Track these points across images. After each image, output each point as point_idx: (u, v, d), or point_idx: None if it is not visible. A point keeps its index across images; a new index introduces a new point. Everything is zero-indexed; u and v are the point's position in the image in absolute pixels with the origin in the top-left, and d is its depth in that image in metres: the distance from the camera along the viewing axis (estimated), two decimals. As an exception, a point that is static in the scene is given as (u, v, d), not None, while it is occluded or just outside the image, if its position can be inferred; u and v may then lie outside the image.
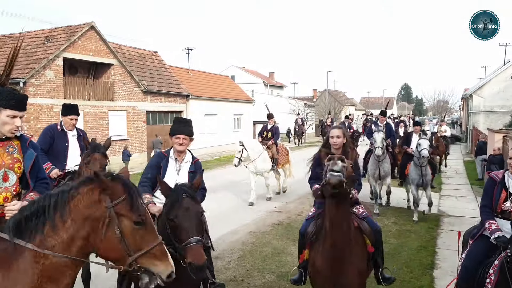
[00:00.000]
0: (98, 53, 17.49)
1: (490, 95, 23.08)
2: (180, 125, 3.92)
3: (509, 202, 3.58)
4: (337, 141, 4.02)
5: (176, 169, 3.87)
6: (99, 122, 17.57)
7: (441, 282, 5.77)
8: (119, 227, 2.22)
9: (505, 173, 3.70)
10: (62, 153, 5.11)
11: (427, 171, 8.67)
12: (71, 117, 5.20)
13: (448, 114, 69.62)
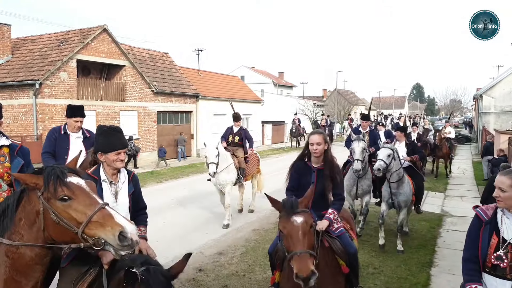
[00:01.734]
0: (110, 55, 17.93)
1: (501, 95, 22.89)
2: (115, 136, 3.11)
3: (502, 251, 2.63)
4: (318, 148, 3.70)
5: (112, 193, 3.14)
6: (111, 122, 17.99)
7: (438, 280, 5.95)
8: (53, 210, 2.33)
9: (498, 208, 2.74)
10: (62, 157, 4.79)
11: (400, 190, 6.72)
12: (76, 119, 4.93)
13: (461, 114, 68.90)
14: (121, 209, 3.08)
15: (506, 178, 2.66)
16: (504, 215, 2.67)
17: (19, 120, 15.93)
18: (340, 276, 3.42)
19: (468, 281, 2.70)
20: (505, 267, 2.60)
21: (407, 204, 6.93)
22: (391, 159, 6.51)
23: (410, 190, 6.89)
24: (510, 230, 2.62)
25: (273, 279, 3.69)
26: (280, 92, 47.26)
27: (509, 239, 2.61)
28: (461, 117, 67.28)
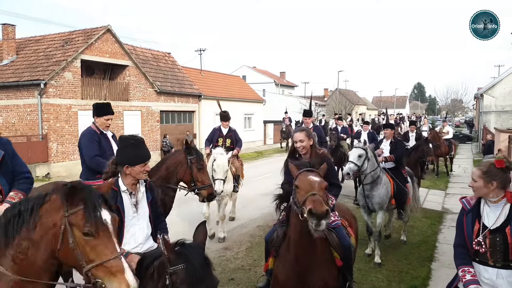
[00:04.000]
0: (114, 55, 18.11)
1: (502, 94, 23.04)
2: (142, 149, 3.12)
3: (481, 237, 2.79)
4: (302, 145, 3.75)
5: (133, 204, 3.12)
6: (115, 121, 18.15)
7: (438, 273, 6.11)
8: (72, 236, 2.23)
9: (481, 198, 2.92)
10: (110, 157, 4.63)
11: (373, 193, 6.26)
12: (107, 117, 4.74)
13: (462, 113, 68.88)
14: (142, 218, 3.14)
15: (477, 169, 2.90)
16: (486, 204, 2.87)
17: (24, 120, 16.11)
18: (334, 269, 3.41)
19: (461, 264, 2.86)
20: (484, 252, 2.76)
21: (382, 207, 6.36)
22: (363, 160, 6.07)
23: (386, 192, 6.31)
24: (490, 217, 2.81)
25: (266, 265, 3.71)
26: (282, 92, 47.40)
27: (489, 226, 2.78)
28: (463, 116, 67.29)
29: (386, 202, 6.37)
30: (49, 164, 15.45)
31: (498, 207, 2.81)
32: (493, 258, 2.74)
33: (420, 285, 5.71)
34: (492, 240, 2.74)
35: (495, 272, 2.74)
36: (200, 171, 4.71)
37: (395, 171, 6.72)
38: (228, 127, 8.17)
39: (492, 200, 2.82)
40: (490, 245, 2.74)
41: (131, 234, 3.11)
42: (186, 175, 5.04)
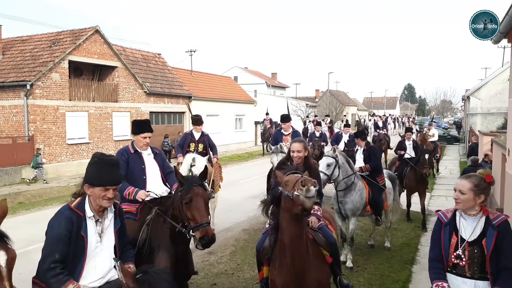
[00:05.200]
0: (103, 56, 18.00)
1: (488, 97, 23.37)
2: (107, 170, 2.73)
3: (460, 250, 2.79)
4: (298, 155, 3.95)
5: (98, 232, 2.80)
6: (103, 123, 18.09)
7: (418, 276, 6.19)
8: None
9: (457, 211, 2.93)
10: (140, 178, 4.22)
11: (346, 199, 6.24)
12: (144, 135, 4.29)
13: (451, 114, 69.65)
14: (106, 249, 2.83)
15: (467, 182, 2.84)
16: (462, 216, 2.87)
17: (10, 121, 15.95)
18: (325, 266, 3.63)
19: (435, 279, 2.86)
20: (464, 265, 2.77)
21: (355, 214, 6.34)
22: (333, 168, 6.05)
23: (360, 198, 6.28)
24: (467, 230, 2.82)
25: (261, 274, 3.84)
26: (273, 93, 47.48)
27: (466, 238, 2.79)
28: (452, 117, 68.05)
29: (359, 208, 6.34)
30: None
31: (474, 220, 2.83)
32: (471, 270, 2.77)
33: (400, 288, 5.79)
34: (470, 253, 2.77)
35: (473, 284, 2.77)
36: (187, 205, 3.47)
37: (371, 177, 6.68)
38: (200, 131, 7.89)
39: (471, 213, 2.84)
40: (468, 258, 2.77)
41: (92, 266, 2.78)
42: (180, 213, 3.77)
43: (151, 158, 4.38)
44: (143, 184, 4.22)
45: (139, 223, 3.96)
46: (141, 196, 4.02)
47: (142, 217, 4.04)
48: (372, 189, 6.52)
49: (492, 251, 2.71)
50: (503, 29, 5.41)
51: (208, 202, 3.60)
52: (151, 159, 4.37)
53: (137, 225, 3.94)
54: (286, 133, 7.99)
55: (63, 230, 2.63)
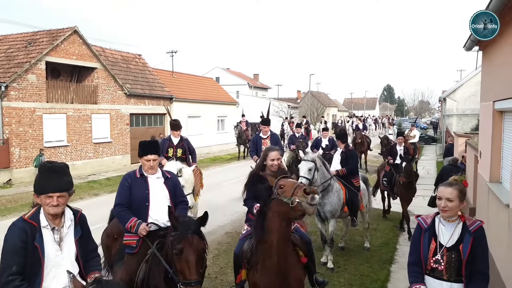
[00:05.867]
0: (81, 57, 17.71)
1: (463, 98, 24.09)
2: (50, 177, 2.69)
3: (439, 255, 2.91)
4: (278, 163, 4.13)
5: (56, 241, 2.74)
6: (82, 125, 17.80)
7: (396, 275, 6.38)
8: None
9: (436, 217, 3.03)
10: (142, 205, 3.86)
11: (325, 201, 6.31)
12: (148, 157, 3.86)
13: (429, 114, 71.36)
14: (67, 258, 2.77)
15: (453, 190, 2.91)
16: (441, 222, 2.98)
17: (-15, 124, 15.49)
18: (300, 265, 3.80)
19: (413, 282, 2.97)
20: (442, 269, 2.90)
21: (334, 215, 6.45)
22: (313, 172, 6.08)
23: (338, 200, 6.41)
24: (446, 236, 2.94)
25: (239, 277, 3.95)
26: (255, 94, 47.62)
27: (445, 244, 2.91)
28: (429, 117, 69.66)
29: (338, 210, 6.46)
30: (11, 170, 14.93)
31: (452, 225, 2.94)
32: (448, 273, 2.89)
33: (379, 287, 5.94)
34: (448, 257, 2.88)
35: (449, 286, 2.89)
36: (176, 256, 3.07)
37: (346, 179, 6.79)
38: (179, 136, 7.74)
39: (451, 218, 2.93)
40: (446, 262, 2.88)
41: (53, 276, 2.71)
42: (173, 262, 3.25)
43: (160, 183, 3.93)
44: (145, 211, 3.85)
45: (138, 259, 3.67)
46: (141, 232, 3.68)
47: (141, 251, 3.70)
48: (348, 190, 6.66)
49: (468, 256, 2.83)
50: (475, 37, 5.64)
51: (202, 253, 3.14)
52: (160, 184, 3.93)
53: (135, 261, 3.66)
54: (265, 137, 8.04)
55: (18, 241, 2.60)
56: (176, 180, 4.13)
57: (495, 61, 6.02)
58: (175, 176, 4.19)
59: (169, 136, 7.89)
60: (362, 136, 17.62)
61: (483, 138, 7.06)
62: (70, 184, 2.79)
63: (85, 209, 9.34)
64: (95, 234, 3.21)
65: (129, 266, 3.64)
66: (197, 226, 3.19)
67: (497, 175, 6.02)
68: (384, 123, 38.84)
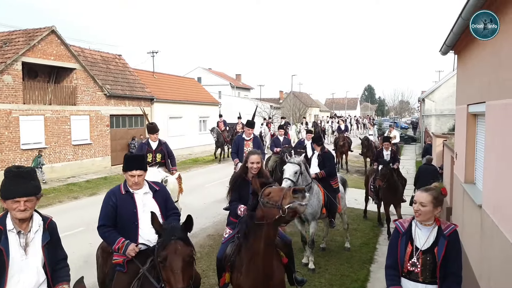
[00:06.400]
0: (60, 57, 17.36)
1: (441, 99, 24.67)
2: (17, 182, 2.70)
3: (415, 258, 3.00)
4: (258, 166, 4.29)
5: (21, 245, 2.72)
6: (61, 127, 17.45)
7: (376, 275, 6.49)
8: None
9: (413, 221, 3.12)
10: (130, 225, 3.57)
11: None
12: (132, 173, 3.57)
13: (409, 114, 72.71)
14: (32, 263, 2.72)
15: (427, 195, 3.01)
16: (417, 226, 3.07)
17: (-42, 126, 15.04)
18: (282, 266, 3.93)
19: (390, 285, 3.08)
20: (418, 272, 2.99)
21: (314, 217, 6.49)
22: (298, 175, 6.08)
23: (318, 202, 6.48)
24: (421, 239, 3.03)
25: (223, 280, 4.00)
26: (238, 94, 47.59)
27: (420, 247, 3.00)
28: (409, 117, 70.98)
29: (318, 212, 6.53)
30: (-12, 173, 14.54)
31: (428, 229, 3.03)
32: (423, 275, 2.98)
33: (359, 287, 6.06)
34: (424, 260, 2.98)
35: (424, 287, 2.99)
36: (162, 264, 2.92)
37: (325, 182, 6.86)
38: (157, 140, 7.53)
39: (427, 223, 3.03)
40: (422, 265, 2.98)
41: (16, 281, 2.69)
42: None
43: (149, 198, 3.63)
44: (135, 231, 3.54)
45: (129, 276, 3.48)
46: (130, 253, 3.43)
47: (131, 269, 3.50)
48: (326, 191, 6.73)
49: (442, 259, 2.94)
50: (449, 43, 5.83)
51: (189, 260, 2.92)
52: (149, 199, 3.63)
53: (127, 279, 3.49)
54: (248, 138, 8.08)
55: None
56: (166, 191, 3.84)
57: (469, 66, 6.22)
58: (163, 187, 3.89)
59: (147, 140, 7.68)
60: (344, 138, 17.85)
61: (458, 140, 7.27)
62: (38, 189, 2.78)
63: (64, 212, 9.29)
64: (75, 238, 3.18)
65: (119, 283, 3.51)
66: (182, 231, 3.01)
67: (471, 176, 6.21)
68: (365, 124, 39.33)
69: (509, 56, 3.72)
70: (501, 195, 4.01)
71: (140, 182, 3.61)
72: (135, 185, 3.59)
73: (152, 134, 7.49)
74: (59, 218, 10.94)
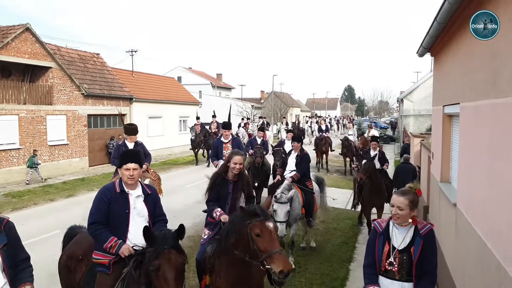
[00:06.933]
0: (35, 55, 16.90)
1: (419, 99, 25.18)
2: None
3: (392, 258, 3.07)
4: (240, 167, 4.35)
5: None
6: (36, 127, 16.99)
7: (355, 273, 6.58)
8: None
9: (390, 221, 3.18)
10: (121, 224, 3.48)
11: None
12: (127, 166, 3.47)
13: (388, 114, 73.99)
14: None
15: (404, 199, 3.06)
16: (394, 226, 3.15)
17: None
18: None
19: (368, 284, 3.15)
20: (395, 271, 3.07)
21: (296, 220, 6.56)
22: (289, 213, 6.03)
23: (299, 203, 6.56)
24: (399, 239, 3.10)
25: (204, 282, 4.06)
26: (219, 94, 47.42)
27: (397, 247, 3.08)
28: (389, 117, 72.23)
29: (299, 214, 6.62)
30: (-41, 175, 14.03)
31: (405, 229, 3.11)
32: (400, 274, 3.06)
33: (338, 286, 6.12)
34: (400, 259, 3.06)
35: (400, 285, 3.06)
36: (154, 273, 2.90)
37: (301, 183, 6.91)
38: (135, 141, 7.55)
39: (404, 224, 3.10)
40: (398, 264, 3.06)
41: None
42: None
43: (140, 202, 3.55)
44: (124, 232, 3.47)
45: (112, 278, 3.43)
46: (124, 252, 3.36)
47: (116, 270, 3.45)
48: (304, 192, 6.81)
49: (418, 258, 3.01)
50: (426, 45, 5.96)
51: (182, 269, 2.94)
52: (140, 203, 3.55)
53: (110, 281, 3.42)
54: (226, 141, 8.04)
55: None
56: (157, 195, 3.76)
57: (445, 68, 6.37)
58: (155, 190, 3.80)
59: (123, 141, 7.64)
60: (324, 138, 18.03)
61: (434, 140, 7.43)
62: None
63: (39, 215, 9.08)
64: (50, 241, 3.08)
65: (102, 285, 3.45)
66: (174, 240, 2.99)
67: (446, 175, 6.37)
68: (345, 124, 39.84)
69: (482, 59, 3.83)
70: (474, 193, 4.13)
71: (136, 177, 3.51)
72: (130, 180, 3.47)
73: (133, 135, 7.48)
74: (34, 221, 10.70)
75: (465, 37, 4.48)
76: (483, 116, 3.79)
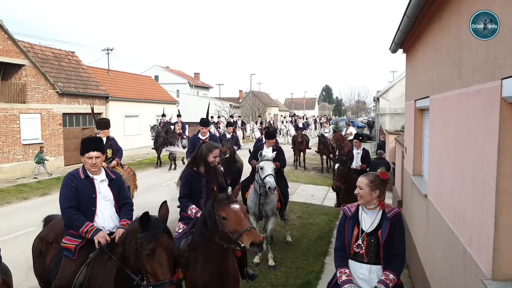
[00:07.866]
0: (7, 53, 16.40)
1: (394, 98, 25.73)
2: None
3: (360, 240, 3.14)
4: (218, 160, 4.47)
5: None
6: (10, 126, 16.50)
7: (330, 267, 6.66)
8: None
9: (360, 205, 3.27)
10: (88, 210, 3.55)
11: (267, 200, 6.43)
12: (90, 154, 3.55)
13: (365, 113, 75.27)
14: None
15: (364, 178, 3.22)
16: (363, 210, 3.23)
17: None
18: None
19: (339, 267, 3.21)
20: (363, 253, 3.13)
21: (274, 212, 6.60)
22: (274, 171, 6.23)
23: (275, 196, 6.56)
24: (367, 222, 3.18)
25: (176, 276, 3.95)
26: (196, 93, 47.13)
27: (366, 230, 3.16)
28: (366, 116, 73.46)
29: (276, 206, 6.65)
30: None
31: (373, 213, 3.20)
32: (368, 257, 3.13)
33: (313, 278, 6.19)
34: (368, 242, 3.13)
35: (368, 268, 3.12)
36: (149, 257, 2.96)
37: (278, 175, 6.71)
38: (107, 135, 7.57)
39: (370, 207, 3.20)
40: (366, 246, 3.13)
41: None
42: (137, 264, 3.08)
43: (104, 186, 3.63)
44: (91, 217, 3.53)
45: (77, 263, 3.46)
46: (99, 239, 3.37)
47: (81, 256, 3.49)
48: (279, 186, 6.69)
49: (385, 240, 3.09)
50: (397, 41, 6.11)
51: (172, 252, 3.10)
52: (104, 187, 3.63)
53: (74, 266, 3.45)
54: (204, 138, 7.92)
55: None
56: (122, 181, 3.83)
57: (416, 63, 6.55)
58: (120, 176, 3.85)
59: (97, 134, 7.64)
60: (302, 136, 18.19)
61: (407, 135, 7.62)
62: None
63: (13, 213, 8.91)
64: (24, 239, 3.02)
65: (66, 269, 3.46)
66: (164, 224, 3.15)
67: (419, 169, 6.54)
68: (322, 123, 40.31)
69: (448, 52, 3.97)
70: (443, 184, 4.26)
71: (99, 164, 3.59)
72: (93, 167, 3.56)
73: (106, 130, 7.46)
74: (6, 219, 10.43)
75: (434, 31, 4.63)
76: (450, 107, 3.93)
